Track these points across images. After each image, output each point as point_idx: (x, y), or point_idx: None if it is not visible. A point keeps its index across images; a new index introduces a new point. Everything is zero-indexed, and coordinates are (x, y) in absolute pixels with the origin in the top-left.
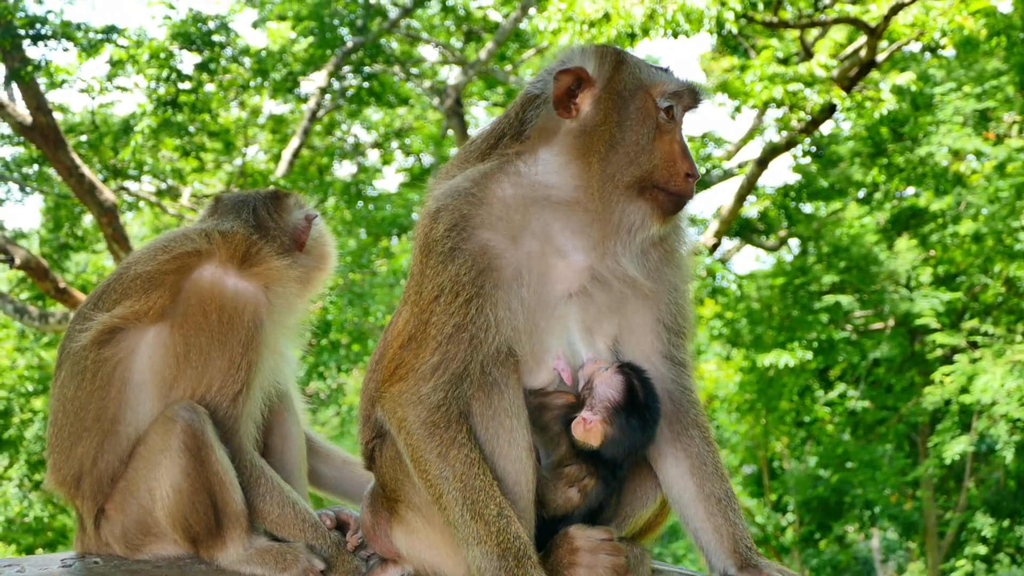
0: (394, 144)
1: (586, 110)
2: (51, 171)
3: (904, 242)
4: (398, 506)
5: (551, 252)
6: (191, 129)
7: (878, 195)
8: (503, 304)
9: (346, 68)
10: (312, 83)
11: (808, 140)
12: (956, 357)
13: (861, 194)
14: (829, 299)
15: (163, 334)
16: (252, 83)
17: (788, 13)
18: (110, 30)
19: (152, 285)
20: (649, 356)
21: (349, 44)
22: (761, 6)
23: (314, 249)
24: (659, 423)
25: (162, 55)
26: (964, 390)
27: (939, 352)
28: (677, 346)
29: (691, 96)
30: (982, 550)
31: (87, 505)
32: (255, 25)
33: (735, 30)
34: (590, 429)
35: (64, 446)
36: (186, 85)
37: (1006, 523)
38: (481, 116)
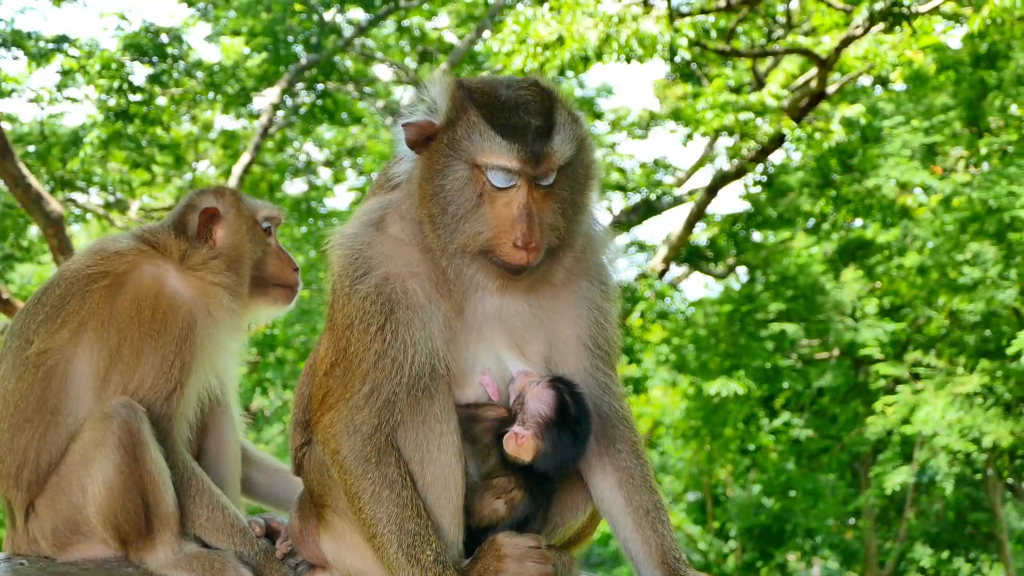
0: (346, 163)
1: (420, 166)
2: None
3: (850, 273)
4: (325, 511)
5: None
6: (142, 142)
7: (826, 226)
8: (417, 325)
9: (299, 85)
10: (265, 99)
11: (758, 169)
12: (899, 388)
13: (809, 224)
14: (775, 327)
15: (99, 331)
16: (204, 97)
17: (741, 43)
18: (61, 40)
19: (89, 288)
20: (576, 373)
21: (303, 61)
22: (714, 34)
23: (227, 239)
24: (590, 438)
25: (113, 66)
26: (906, 421)
27: (882, 383)
28: (601, 369)
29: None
30: None
31: (20, 497)
32: (209, 39)
33: (688, 57)
34: (522, 444)
35: (5, 438)
36: (137, 97)
37: (945, 554)
38: None
